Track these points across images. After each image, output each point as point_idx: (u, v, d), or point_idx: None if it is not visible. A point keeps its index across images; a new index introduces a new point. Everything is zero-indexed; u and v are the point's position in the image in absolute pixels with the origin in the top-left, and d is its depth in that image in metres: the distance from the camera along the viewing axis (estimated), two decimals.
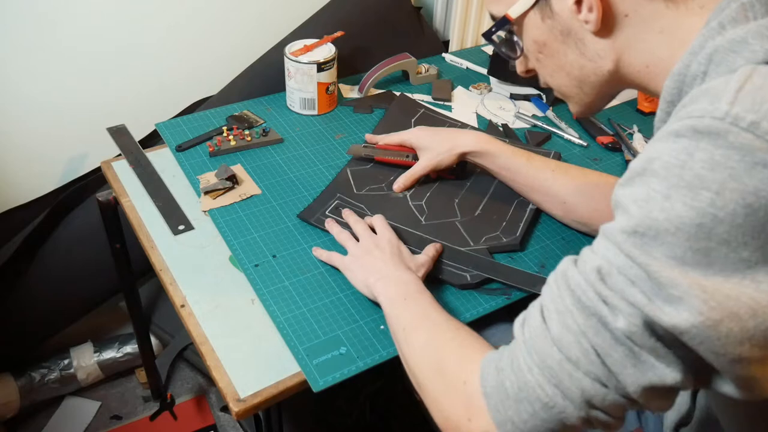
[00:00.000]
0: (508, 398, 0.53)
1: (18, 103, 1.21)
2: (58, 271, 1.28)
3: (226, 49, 1.36)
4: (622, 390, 0.50)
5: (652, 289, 0.46)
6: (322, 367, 0.76)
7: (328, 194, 1.01)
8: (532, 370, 0.52)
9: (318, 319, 0.82)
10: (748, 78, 0.46)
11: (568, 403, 0.51)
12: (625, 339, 0.48)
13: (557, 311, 0.52)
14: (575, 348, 0.50)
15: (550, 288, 0.54)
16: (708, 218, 0.44)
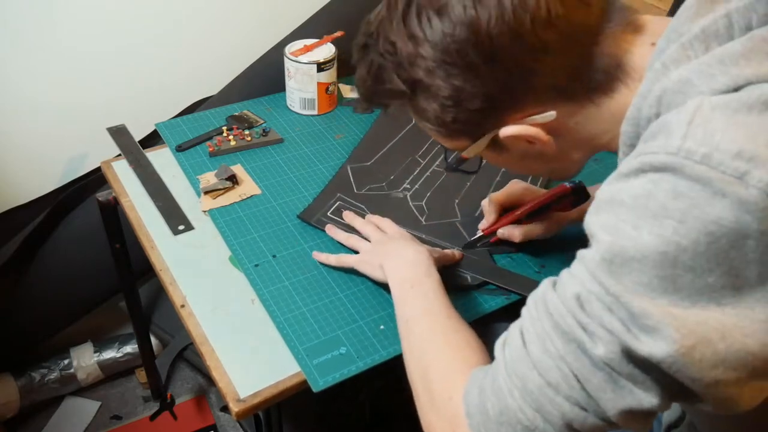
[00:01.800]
0: (490, 420, 0.54)
1: (18, 103, 1.21)
2: (58, 271, 1.28)
3: (226, 49, 1.36)
4: (602, 414, 0.50)
5: (628, 318, 0.47)
6: (322, 367, 0.76)
7: (328, 194, 1.01)
8: (513, 394, 0.53)
9: (318, 319, 0.82)
10: (698, 109, 0.46)
11: (548, 426, 0.52)
12: (603, 365, 0.49)
13: (537, 335, 0.53)
14: (555, 372, 0.51)
15: (530, 311, 0.55)
16: (672, 246, 0.45)
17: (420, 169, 1.08)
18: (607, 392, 0.49)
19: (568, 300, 0.50)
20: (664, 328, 0.45)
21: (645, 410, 0.49)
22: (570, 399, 0.51)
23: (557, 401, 0.51)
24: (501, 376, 0.54)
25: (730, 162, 0.43)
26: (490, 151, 0.66)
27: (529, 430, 0.52)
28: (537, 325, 0.53)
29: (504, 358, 0.55)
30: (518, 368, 0.53)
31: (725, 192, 0.43)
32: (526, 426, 0.52)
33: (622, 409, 0.49)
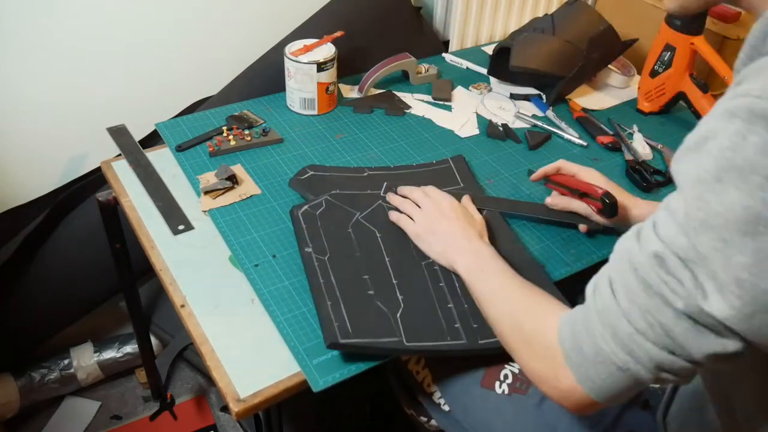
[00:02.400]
0: (587, 360, 0.58)
1: (18, 103, 1.21)
2: (58, 271, 1.28)
3: (226, 49, 1.36)
4: (689, 357, 0.53)
5: (701, 274, 0.49)
6: (322, 367, 0.76)
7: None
8: (606, 340, 0.56)
9: (318, 319, 0.82)
10: None
11: (640, 367, 0.55)
12: (685, 317, 0.51)
13: (624, 286, 0.55)
14: (642, 322, 0.54)
15: (618, 263, 0.57)
16: (758, 201, 0.45)
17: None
18: (691, 339, 0.52)
19: (648, 257, 0.53)
20: (728, 293, 0.47)
21: (730, 353, 0.51)
22: (658, 344, 0.54)
23: (646, 347, 0.54)
24: (593, 322, 0.58)
25: None
26: None
27: (623, 370, 0.56)
28: (624, 278, 0.55)
29: (595, 306, 0.58)
30: (609, 317, 0.56)
31: None
32: (619, 367, 0.56)
33: (708, 353, 0.52)
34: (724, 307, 0.47)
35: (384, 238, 0.92)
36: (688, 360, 0.53)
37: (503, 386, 0.84)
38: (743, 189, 0.45)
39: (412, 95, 1.32)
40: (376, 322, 0.79)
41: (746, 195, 0.45)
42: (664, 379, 0.56)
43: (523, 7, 1.58)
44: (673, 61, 1.25)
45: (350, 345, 0.76)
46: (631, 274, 0.54)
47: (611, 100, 1.38)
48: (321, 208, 0.96)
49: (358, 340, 0.76)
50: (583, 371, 0.59)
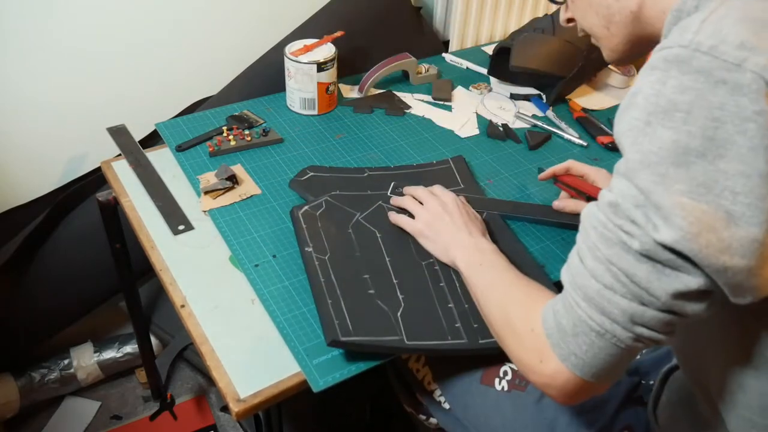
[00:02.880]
0: (567, 335, 0.60)
1: (18, 103, 1.21)
2: (58, 271, 1.28)
3: (226, 49, 1.36)
4: (656, 303, 0.55)
5: (650, 209, 0.52)
6: (322, 367, 0.76)
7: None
8: (580, 305, 0.59)
9: (318, 318, 0.82)
10: (714, 10, 0.51)
11: (615, 325, 0.57)
12: (644, 258, 0.53)
13: (588, 248, 0.58)
14: (607, 275, 0.56)
15: (582, 231, 0.60)
16: (683, 134, 0.50)
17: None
18: (654, 281, 0.54)
19: (605, 209, 0.56)
20: (674, 217, 0.50)
21: (695, 290, 0.53)
22: (626, 296, 0.55)
23: (615, 300, 0.56)
24: (568, 293, 0.60)
25: (732, 51, 0.48)
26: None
27: (600, 334, 0.57)
28: (587, 239, 0.58)
29: (568, 278, 0.61)
30: (579, 281, 0.59)
31: (726, 79, 0.48)
32: (597, 332, 0.58)
33: (673, 292, 0.53)
34: (672, 231, 0.50)
35: (384, 238, 0.92)
36: (658, 308, 0.55)
37: (503, 383, 0.85)
38: (669, 126, 0.50)
39: (412, 95, 1.32)
40: (377, 321, 0.79)
41: (672, 131, 0.50)
42: (642, 336, 0.57)
43: (523, 7, 1.58)
44: None
45: (351, 343, 0.76)
46: (592, 232, 0.57)
47: (611, 100, 1.38)
48: (321, 208, 0.96)
49: (359, 338, 0.76)
50: (564, 347, 0.60)
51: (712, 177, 0.49)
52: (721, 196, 0.49)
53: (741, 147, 0.48)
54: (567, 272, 0.61)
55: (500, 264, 0.80)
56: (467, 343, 0.79)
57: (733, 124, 0.48)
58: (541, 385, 0.64)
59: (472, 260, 0.82)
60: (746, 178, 0.48)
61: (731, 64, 0.48)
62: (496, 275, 0.78)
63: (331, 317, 0.78)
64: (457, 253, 0.85)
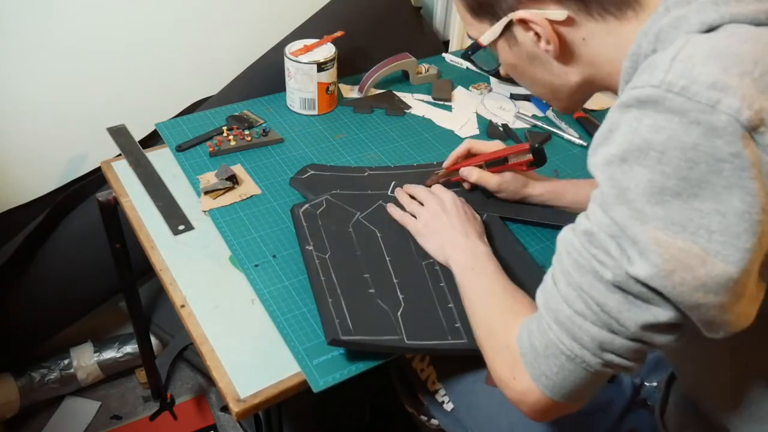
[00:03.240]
0: (539, 356, 0.60)
1: (18, 103, 1.21)
2: (58, 271, 1.28)
3: (226, 49, 1.36)
4: (626, 332, 0.55)
5: (625, 243, 0.52)
6: (322, 367, 0.76)
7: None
8: (552, 328, 0.59)
9: (318, 319, 0.82)
10: (682, 48, 0.51)
11: (585, 351, 0.57)
12: (616, 288, 0.54)
13: (562, 272, 0.58)
14: (579, 302, 0.56)
15: (557, 255, 0.60)
16: (657, 174, 0.50)
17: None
18: (624, 311, 0.54)
19: (580, 236, 0.56)
20: (649, 253, 0.50)
21: (665, 323, 0.53)
22: (596, 323, 0.56)
23: (585, 326, 0.56)
24: (542, 316, 0.61)
25: (705, 92, 0.48)
26: (504, 42, 0.69)
27: (570, 358, 0.58)
28: (561, 264, 0.59)
29: (543, 300, 0.61)
30: (551, 305, 0.59)
31: (699, 120, 0.48)
32: (567, 356, 0.58)
33: (643, 323, 0.54)
34: (647, 267, 0.50)
35: (384, 237, 0.92)
36: (627, 337, 0.55)
37: None
38: (645, 164, 0.50)
39: (412, 95, 1.32)
40: (377, 320, 0.79)
41: (648, 170, 0.50)
42: (611, 362, 0.57)
43: None
44: None
45: (351, 342, 0.76)
46: (566, 258, 0.58)
47: (611, 100, 1.38)
48: (321, 207, 0.96)
49: (360, 337, 0.76)
50: (536, 367, 0.60)
51: (687, 216, 0.49)
52: (696, 234, 0.49)
53: (716, 186, 0.48)
54: (541, 294, 0.62)
55: (491, 271, 0.80)
56: (467, 343, 0.79)
57: (707, 164, 0.48)
58: (514, 401, 0.64)
59: (465, 263, 0.82)
60: (721, 216, 0.48)
61: (705, 105, 0.48)
62: (485, 283, 0.78)
63: (331, 316, 0.78)
64: (452, 254, 0.85)
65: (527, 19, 0.64)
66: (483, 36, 0.70)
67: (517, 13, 0.65)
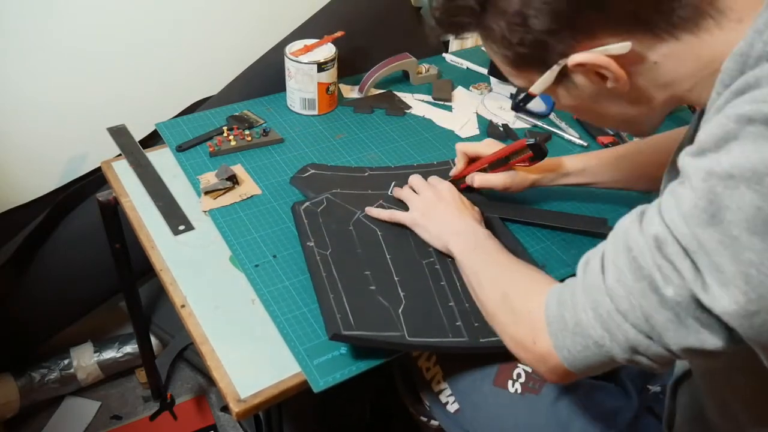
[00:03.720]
0: (566, 329, 0.59)
1: (18, 103, 1.21)
2: (58, 271, 1.28)
3: (226, 49, 1.36)
4: (665, 345, 0.53)
5: (705, 266, 0.48)
6: (322, 367, 0.76)
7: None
8: (587, 312, 0.57)
9: (318, 319, 0.82)
10: None
11: (615, 345, 0.56)
12: (672, 305, 0.51)
13: (614, 265, 0.55)
14: (624, 303, 0.54)
15: (614, 240, 0.57)
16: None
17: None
18: (671, 330, 0.52)
19: (648, 239, 0.52)
20: (734, 288, 0.46)
21: (707, 350, 0.51)
22: (636, 327, 0.54)
23: (624, 327, 0.54)
24: (579, 294, 0.59)
25: None
26: (560, 88, 0.63)
27: (598, 345, 0.57)
28: (616, 257, 0.55)
29: (584, 278, 0.59)
30: (594, 291, 0.57)
31: None
32: (595, 341, 0.57)
33: (685, 347, 0.52)
34: (728, 302, 0.46)
35: (385, 236, 0.92)
36: (664, 347, 0.53)
37: (516, 385, 0.84)
38: (756, 189, 0.45)
39: (412, 95, 1.32)
40: (379, 316, 0.79)
41: (758, 195, 0.45)
42: (638, 362, 0.56)
43: None
44: None
45: (353, 337, 0.76)
46: (624, 253, 0.54)
47: None
48: (322, 205, 0.96)
49: (361, 333, 0.76)
50: (561, 339, 0.60)
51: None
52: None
53: None
54: (585, 270, 0.59)
55: (495, 247, 0.80)
56: (468, 341, 0.79)
57: None
58: (530, 362, 0.65)
59: (466, 246, 0.82)
60: None
61: None
62: (492, 257, 0.78)
63: (333, 311, 0.78)
64: (450, 239, 0.84)
65: (585, 62, 0.57)
66: (533, 86, 0.63)
67: (572, 58, 0.58)
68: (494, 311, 0.71)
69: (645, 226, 0.53)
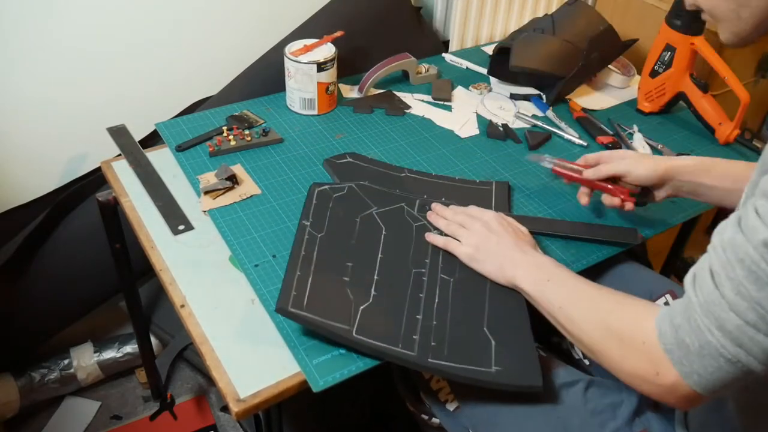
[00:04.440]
0: (691, 353, 0.57)
1: (18, 103, 1.21)
2: (58, 271, 1.28)
3: (226, 49, 1.36)
4: None
5: None
6: (322, 367, 0.76)
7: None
8: (713, 332, 0.55)
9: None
10: None
11: (752, 359, 0.55)
12: None
13: (729, 279, 0.54)
14: (752, 313, 0.53)
15: (718, 252, 0.56)
16: None
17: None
18: None
19: (758, 246, 0.51)
20: None
21: None
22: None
23: (758, 338, 0.53)
24: (697, 315, 0.57)
25: None
26: None
27: (732, 363, 0.55)
28: (729, 270, 0.54)
29: (697, 298, 0.57)
30: (714, 310, 0.55)
31: None
32: (728, 359, 0.55)
33: None
34: None
35: (388, 236, 0.91)
36: None
37: None
38: None
39: (412, 95, 1.32)
40: (336, 306, 0.79)
41: None
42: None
43: (523, 7, 1.58)
44: (673, 61, 1.25)
45: (297, 316, 0.76)
46: (737, 264, 0.53)
47: (611, 100, 1.38)
48: (341, 192, 0.95)
49: (308, 315, 0.76)
50: (688, 365, 0.58)
51: None
52: None
53: None
54: (697, 292, 0.58)
55: (570, 277, 0.77)
56: (414, 357, 0.77)
57: None
58: (657, 395, 0.63)
59: (536, 278, 0.79)
60: None
61: None
62: (573, 288, 0.75)
63: (291, 287, 0.79)
64: (517, 273, 0.82)
65: None
66: None
67: None
68: (599, 348, 0.69)
69: (750, 234, 0.53)
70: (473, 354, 0.78)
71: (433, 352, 0.78)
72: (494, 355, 0.79)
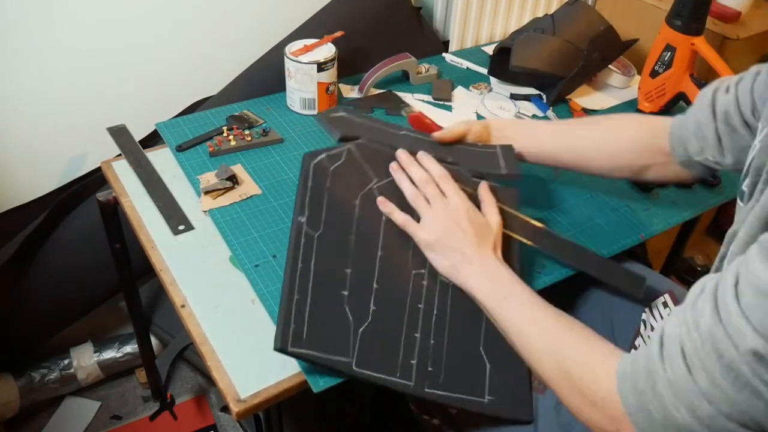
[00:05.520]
0: (655, 422, 0.55)
1: (18, 103, 1.21)
2: (58, 271, 1.28)
3: (226, 49, 1.36)
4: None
5: None
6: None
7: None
8: (681, 412, 0.53)
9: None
10: None
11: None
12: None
13: (704, 369, 0.51)
14: (726, 406, 0.50)
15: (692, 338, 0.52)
16: None
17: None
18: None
19: (744, 354, 0.48)
20: None
21: None
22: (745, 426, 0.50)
23: (729, 427, 0.50)
24: (662, 389, 0.54)
25: None
26: None
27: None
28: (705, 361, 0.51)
29: (666, 374, 0.54)
30: (685, 394, 0.52)
31: None
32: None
33: None
34: None
35: (387, 224, 0.85)
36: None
37: None
38: None
39: (412, 95, 1.32)
40: (335, 335, 0.75)
41: None
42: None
43: (523, 7, 1.58)
44: (673, 61, 1.25)
45: (299, 354, 0.73)
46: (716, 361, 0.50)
47: (611, 100, 1.38)
48: (339, 161, 0.87)
49: (309, 352, 0.73)
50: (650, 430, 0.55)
51: None
52: None
53: None
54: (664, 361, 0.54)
55: (528, 299, 0.74)
56: (411, 387, 0.75)
57: None
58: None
59: (492, 292, 0.77)
60: None
61: None
62: (531, 316, 0.73)
63: (289, 319, 0.74)
64: (470, 281, 0.79)
65: None
66: None
67: None
68: (557, 388, 0.66)
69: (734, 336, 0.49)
70: (468, 381, 0.78)
71: (429, 380, 0.77)
72: (488, 382, 0.79)
